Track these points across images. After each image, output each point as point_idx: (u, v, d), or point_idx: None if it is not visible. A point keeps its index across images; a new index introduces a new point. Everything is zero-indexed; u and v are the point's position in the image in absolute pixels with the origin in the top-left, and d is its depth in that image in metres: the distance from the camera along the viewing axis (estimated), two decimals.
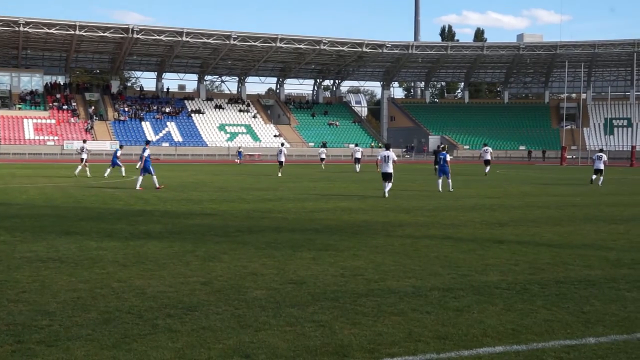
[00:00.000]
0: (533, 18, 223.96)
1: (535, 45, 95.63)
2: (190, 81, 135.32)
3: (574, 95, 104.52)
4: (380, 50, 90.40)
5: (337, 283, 8.92)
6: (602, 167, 32.52)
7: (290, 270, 9.72)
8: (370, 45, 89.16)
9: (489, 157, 42.93)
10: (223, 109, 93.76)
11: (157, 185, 26.12)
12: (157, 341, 6.32)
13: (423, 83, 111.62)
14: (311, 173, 42.49)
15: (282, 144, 45.07)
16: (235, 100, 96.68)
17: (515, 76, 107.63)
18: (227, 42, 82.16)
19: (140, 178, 26.32)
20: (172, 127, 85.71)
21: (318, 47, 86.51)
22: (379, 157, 24.53)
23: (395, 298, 8.10)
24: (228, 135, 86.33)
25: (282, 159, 40.34)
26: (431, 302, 7.93)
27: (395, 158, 24.59)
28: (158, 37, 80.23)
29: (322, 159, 55.09)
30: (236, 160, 53.76)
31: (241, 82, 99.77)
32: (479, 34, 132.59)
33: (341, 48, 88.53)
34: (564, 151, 73.25)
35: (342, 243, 12.44)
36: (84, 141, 40.52)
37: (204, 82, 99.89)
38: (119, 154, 34.35)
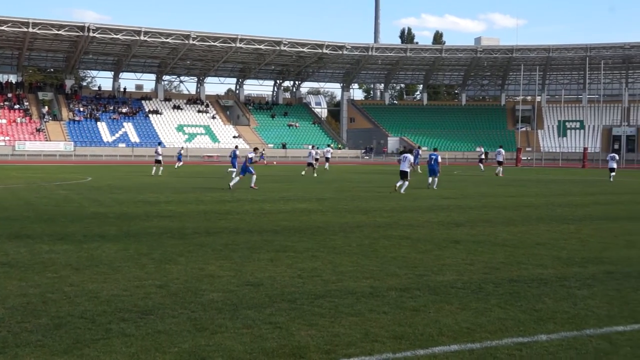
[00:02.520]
0: (490, 22, 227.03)
1: (492, 49, 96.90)
2: (148, 81, 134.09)
3: (529, 98, 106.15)
4: (341, 52, 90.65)
5: (294, 284, 8.92)
6: (615, 165, 39.15)
7: (248, 272, 9.69)
8: (331, 46, 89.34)
9: (501, 159, 46.20)
10: (181, 109, 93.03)
11: (252, 185, 27.70)
12: (111, 346, 6.24)
13: (382, 85, 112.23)
14: (270, 174, 42.37)
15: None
16: (194, 100, 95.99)
17: (472, 79, 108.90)
18: (186, 41, 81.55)
19: (237, 178, 28.48)
20: (129, 127, 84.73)
21: (278, 48, 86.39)
22: (400, 157, 27.55)
23: (352, 299, 8.13)
24: (186, 136, 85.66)
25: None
26: (388, 302, 7.98)
27: (412, 159, 27.65)
28: (115, 36, 79.24)
29: (317, 160, 52.13)
30: (177, 164, 51.28)
31: (200, 83, 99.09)
32: (438, 37, 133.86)
33: (301, 49, 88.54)
34: (519, 152, 74.30)
35: (300, 244, 12.44)
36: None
37: (162, 82, 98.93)
38: (251, 155, 32.09)
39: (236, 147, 43.86)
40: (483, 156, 54.13)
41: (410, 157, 27.77)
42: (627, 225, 16.04)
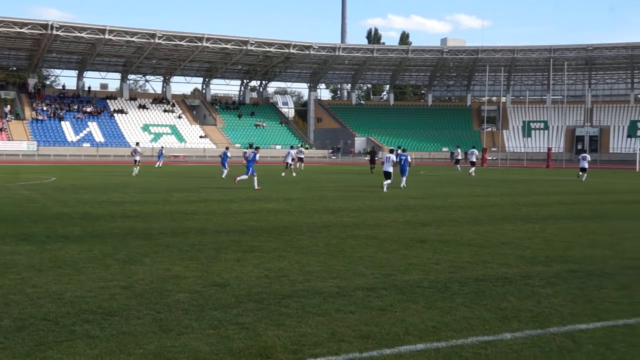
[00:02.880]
0: (456, 23, 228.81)
1: (458, 50, 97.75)
2: (113, 80, 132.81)
3: (494, 98, 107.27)
4: (308, 52, 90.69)
5: (261, 285, 8.90)
6: (586, 165, 39.71)
7: (214, 273, 9.63)
8: (298, 46, 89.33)
9: (474, 159, 47.98)
10: (147, 109, 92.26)
11: (257, 186, 28.01)
12: (74, 348, 6.16)
13: (349, 85, 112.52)
14: (237, 174, 42.18)
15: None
16: (159, 100, 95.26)
17: (438, 79, 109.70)
18: (152, 40, 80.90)
19: (249, 177, 28.88)
20: (93, 127, 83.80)
21: (245, 47, 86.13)
22: (383, 158, 28.71)
23: (319, 299, 8.13)
24: (152, 136, 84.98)
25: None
26: (355, 302, 7.99)
27: (395, 159, 28.60)
28: (79, 35, 78.28)
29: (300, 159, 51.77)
30: (158, 163, 51.43)
31: (166, 82, 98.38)
32: (404, 38, 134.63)
33: (268, 49, 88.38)
34: (485, 153, 75.03)
35: (268, 244, 12.41)
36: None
37: (128, 82, 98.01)
38: (257, 157, 31.48)
39: (227, 148, 43.61)
40: (459, 157, 54.97)
41: (393, 157, 28.80)
42: (590, 225, 16.28)
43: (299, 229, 14.74)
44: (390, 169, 28.04)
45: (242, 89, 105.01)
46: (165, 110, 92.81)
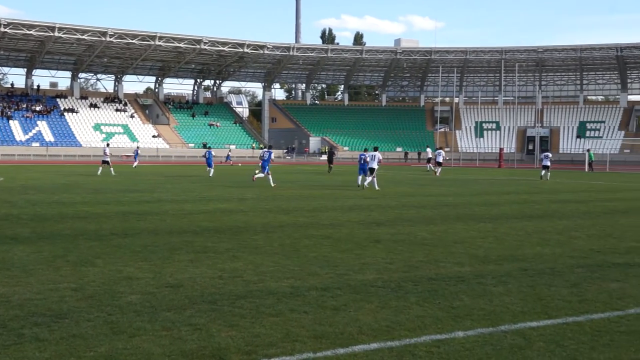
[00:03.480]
0: (409, 24, 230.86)
1: (411, 50, 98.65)
2: (63, 78, 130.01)
3: (447, 99, 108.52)
4: (262, 51, 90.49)
5: (215, 285, 8.83)
6: (549, 164, 41.90)
7: (167, 274, 9.53)
8: (252, 46, 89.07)
9: (441, 160, 48.90)
10: (98, 108, 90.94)
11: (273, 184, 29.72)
12: (23, 351, 6.02)
13: (304, 85, 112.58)
14: (191, 174, 41.91)
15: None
16: (111, 99, 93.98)
17: (392, 80, 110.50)
18: (103, 38, 79.77)
19: (264, 176, 30.70)
20: (43, 126, 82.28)
21: (198, 46, 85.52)
22: (367, 156, 29.96)
23: (273, 299, 8.10)
24: (104, 135, 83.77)
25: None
26: (309, 302, 7.98)
27: (381, 157, 30.10)
28: (28, 32, 76.74)
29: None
30: (134, 163, 51.40)
31: (118, 81, 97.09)
32: (358, 38, 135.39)
33: (222, 48, 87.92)
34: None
35: (221, 245, 12.33)
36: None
37: (78, 80, 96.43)
38: (272, 156, 32.37)
39: (209, 147, 45.19)
40: (430, 156, 55.85)
41: (379, 155, 30.10)
42: (541, 224, 16.56)
43: (253, 229, 14.68)
44: (375, 166, 29.54)
45: (196, 88, 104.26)
46: (117, 110, 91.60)
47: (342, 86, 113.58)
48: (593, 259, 11.37)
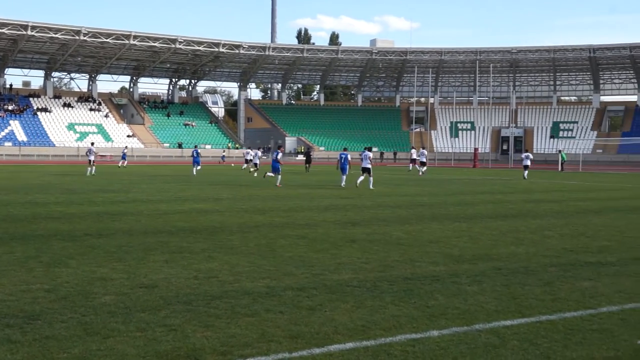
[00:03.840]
0: (385, 24, 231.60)
1: (387, 51, 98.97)
2: (36, 77, 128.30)
3: (422, 99, 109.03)
4: (237, 51, 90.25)
5: (190, 286, 8.79)
6: (529, 163, 44.08)
7: (142, 274, 9.47)
8: (227, 45, 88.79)
9: (424, 159, 50.41)
10: (72, 107, 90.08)
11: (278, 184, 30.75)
12: None
13: (280, 85, 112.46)
14: (165, 174, 41.70)
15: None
16: (85, 98, 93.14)
17: (368, 80, 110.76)
18: (77, 37, 79.05)
19: (274, 176, 31.78)
20: (15, 125, 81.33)
21: (173, 45, 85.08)
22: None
23: (249, 299, 8.08)
24: (78, 135, 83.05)
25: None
26: (285, 302, 7.98)
27: (371, 155, 30.63)
28: (0, 30, 75.82)
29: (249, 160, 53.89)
30: (122, 163, 51.98)
31: (92, 80, 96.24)
32: (334, 38, 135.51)
33: (197, 47, 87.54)
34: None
35: (197, 245, 12.28)
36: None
37: (52, 79, 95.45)
38: (279, 156, 33.06)
39: (196, 146, 46.92)
40: (414, 156, 56.28)
41: (370, 154, 30.64)
42: (515, 223, 16.70)
43: (229, 229, 14.64)
44: (369, 166, 29.96)
45: (171, 87, 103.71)
46: (91, 109, 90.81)
47: (318, 86, 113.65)
48: (566, 258, 11.49)
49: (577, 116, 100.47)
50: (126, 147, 59.55)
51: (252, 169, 43.60)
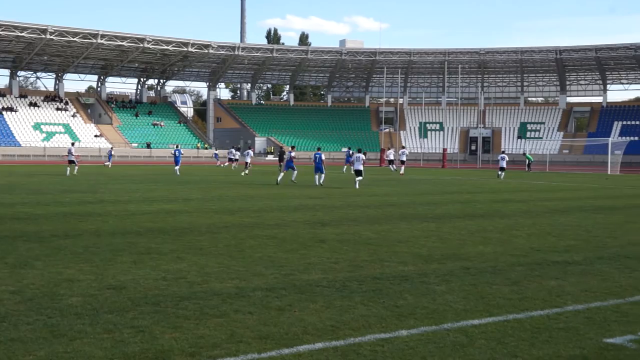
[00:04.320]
0: (354, 25, 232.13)
1: (356, 51, 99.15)
2: (1, 77, 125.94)
3: (392, 100, 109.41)
4: (206, 51, 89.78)
5: (158, 287, 8.73)
6: (505, 165, 46.24)
7: (110, 275, 9.38)
8: (196, 45, 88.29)
9: (404, 158, 52.45)
10: (39, 107, 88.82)
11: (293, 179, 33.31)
12: None
13: (249, 85, 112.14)
14: (134, 174, 41.33)
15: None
16: (52, 98, 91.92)
17: (338, 80, 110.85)
18: (43, 36, 77.98)
19: (288, 172, 34.14)
20: None
21: (142, 45, 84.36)
22: (352, 158, 33.13)
23: (218, 300, 8.05)
24: (44, 135, 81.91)
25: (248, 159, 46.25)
26: (254, 302, 7.96)
27: (364, 158, 32.50)
28: None
29: (234, 160, 58.42)
30: (106, 163, 53.04)
31: (59, 79, 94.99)
32: (304, 38, 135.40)
33: (166, 47, 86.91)
34: (383, 153, 76.50)
35: (165, 246, 12.20)
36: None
37: (17, 78, 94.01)
38: (293, 154, 35.52)
39: (177, 146, 49.48)
40: (392, 157, 57.00)
41: (363, 156, 32.36)
42: (483, 223, 16.85)
43: (198, 230, 14.57)
44: (361, 167, 31.51)
45: (139, 87, 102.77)
46: (58, 109, 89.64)
47: (288, 86, 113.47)
48: (533, 257, 11.62)
49: (544, 117, 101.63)
50: (112, 147, 60.02)
51: (246, 171, 44.58)
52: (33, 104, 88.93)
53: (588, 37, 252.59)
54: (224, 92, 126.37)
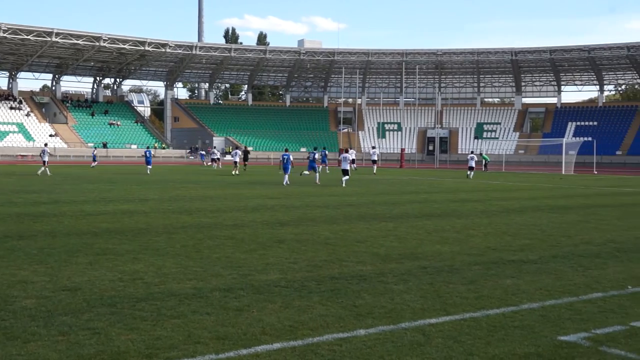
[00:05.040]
0: (312, 25, 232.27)
1: (314, 51, 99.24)
2: None
3: (350, 100, 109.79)
4: (164, 50, 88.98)
5: (115, 288, 8.63)
6: (474, 164, 47.52)
7: (65, 277, 9.24)
8: (153, 44, 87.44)
9: (375, 158, 54.58)
10: None
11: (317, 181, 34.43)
12: None
13: (207, 84, 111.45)
14: (90, 174, 40.75)
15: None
16: (5, 97, 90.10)
17: (296, 80, 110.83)
18: None
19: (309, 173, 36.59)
20: None
21: (97, 43, 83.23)
22: (340, 157, 34.71)
23: (175, 301, 7.99)
24: None
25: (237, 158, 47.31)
26: (212, 303, 7.92)
27: (353, 157, 35.42)
28: None
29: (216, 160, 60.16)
30: (92, 164, 54.36)
31: (12, 78, 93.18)
32: (262, 38, 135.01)
33: (122, 46, 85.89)
34: (341, 153, 76.71)
35: (122, 246, 12.06)
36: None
37: None
38: (317, 156, 37.54)
39: (148, 147, 52.13)
40: (375, 157, 57.15)
41: (349, 156, 34.70)
42: (440, 222, 17.00)
43: (155, 231, 14.43)
44: (347, 167, 33.61)
45: (95, 86, 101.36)
46: (11, 108, 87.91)
47: (246, 86, 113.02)
48: (489, 256, 11.77)
49: (500, 117, 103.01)
50: (95, 147, 61.27)
51: (236, 171, 45.98)
52: None
53: (543, 39, 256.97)
54: (181, 92, 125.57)
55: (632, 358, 6.18)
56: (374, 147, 61.07)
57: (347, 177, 33.32)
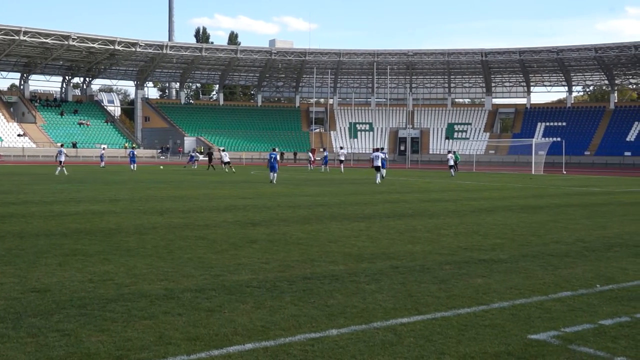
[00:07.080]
0: (283, 25, 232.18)
1: (286, 51, 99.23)
2: None
3: (322, 100, 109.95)
4: (134, 49, 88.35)
5: (85, 289, 8.54)
6: (452, 163, 49.78)
7: (34, 278, 9.12)
8: (123, 43, 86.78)
9: (342, 158, 56.87)
10: None
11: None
12: None
13: (178, 84, 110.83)
14: (60, 174, 40.29)
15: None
16: None
17: (268, 80, 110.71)
18: None
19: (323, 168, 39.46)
20: None
21: (66, 42, 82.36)
22: (371, 156, 37.83)
23: (146, 302, 7.93)
24: None
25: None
26: (183, 303, 7.87)
27: (383, 156, 38.58)
28: None
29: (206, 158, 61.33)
30: (101, 164, 56.53)
31: None
32: (233, 38, 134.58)
33: (92, 45, 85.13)
34: (313, 153, 76.74)
35: (92, 247, 11.93)
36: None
37: None
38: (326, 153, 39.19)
39: (133, 147, 51.88)
40: (342, 158, 57.81)
41: (380, 154, 37.97)
42: (412, 222, 17.08)
43: (126, 231, 14.31)
44: (379, 163, 37.47)
45: (64, 85, 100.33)
46: None
47: (217, 86, 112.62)
48: (460, 255, 11.84)
49: (470, 118, 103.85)
50: (104, 147, 62.14)
51: (227, 170, 48.28)
52: None
53: (513, 40, 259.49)
54: (152, 91, 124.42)
55: (600, 356, 6.26)
56: (342, 148, 62.42)
57: (380, 173, 37.61)
